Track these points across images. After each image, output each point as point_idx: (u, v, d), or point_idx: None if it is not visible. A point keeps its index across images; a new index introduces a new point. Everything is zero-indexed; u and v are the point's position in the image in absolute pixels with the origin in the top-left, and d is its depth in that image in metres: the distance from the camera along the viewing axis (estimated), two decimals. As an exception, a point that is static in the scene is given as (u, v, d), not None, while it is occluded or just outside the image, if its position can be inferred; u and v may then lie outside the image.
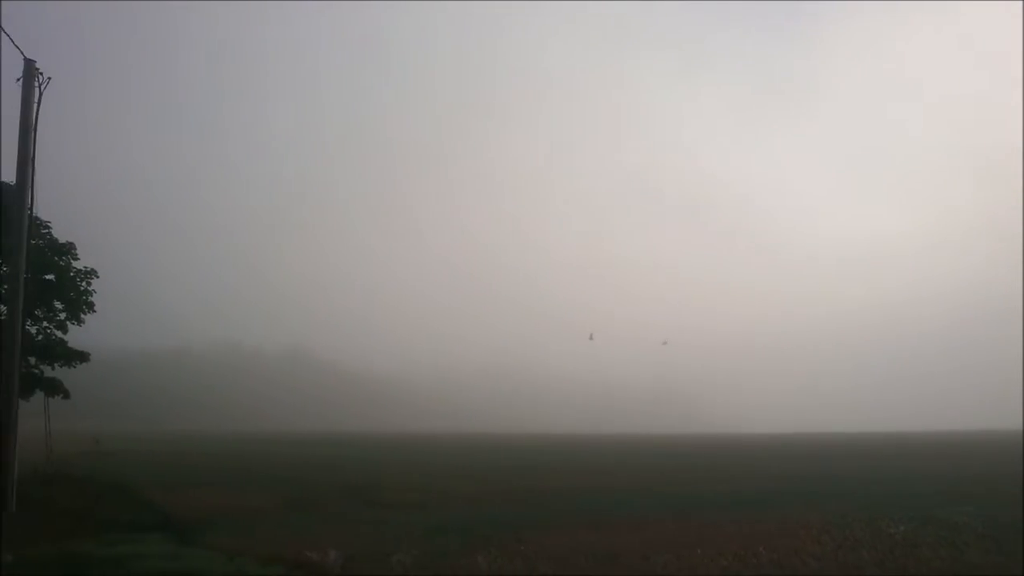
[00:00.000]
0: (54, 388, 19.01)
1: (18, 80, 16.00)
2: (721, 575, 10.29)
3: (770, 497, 21.72)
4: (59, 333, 19.20)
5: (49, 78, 15.96)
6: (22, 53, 15.61)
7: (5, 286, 17.25)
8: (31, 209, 16.01)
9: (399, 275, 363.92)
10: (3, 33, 14.61)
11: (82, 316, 19.38)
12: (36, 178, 16.02)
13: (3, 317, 17.24)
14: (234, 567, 9.24)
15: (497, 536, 12.94)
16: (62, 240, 19.39)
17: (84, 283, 19.46)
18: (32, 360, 18.23)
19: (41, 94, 15.91)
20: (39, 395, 18.93)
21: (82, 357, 19.23)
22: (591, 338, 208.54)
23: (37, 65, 15.84)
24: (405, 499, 20.82)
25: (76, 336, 19.72)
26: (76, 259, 19.45)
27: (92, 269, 19.65)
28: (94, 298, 19.66)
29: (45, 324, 18.89)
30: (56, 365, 18.99)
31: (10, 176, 16.96)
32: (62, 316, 19.15)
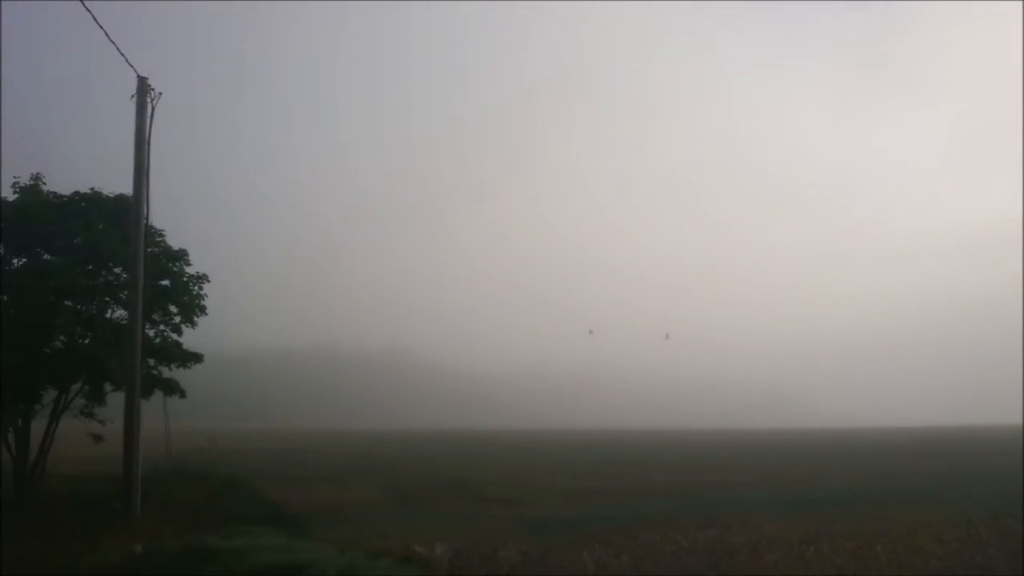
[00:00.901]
0: (171, 388, 19.90)
1: (132, 97, 16.87)
2: (838, 574, 9.91)
3: (883, 494, 20.85)
4: (174, 336, 20.10)
5: (160, 93, 16.77)
6: (135, 71, 16.43)
7: (125, 292, 18.26)
8: (147, 219, 16.89)
9: (493, 273, 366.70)
10: (118, 51, 15.43)
11: (195, 319, 20.28)
12: (151, 189, 16.90)
13: (125, 322, 18.24)
14: (345, 560, 9.49)
15: (602, 532, 12.87)
16: (175, 247, 20.32)
17: (196, 287, 20.34)
18: (151, 362, 19.12)
19: (153, 108, 16.72)
20: (158, 395, 19.85)
21: (196, 358, 20.12)
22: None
23: (149, 81, 16.67)
24: (505, 495, 20.99)
25: (190, 338, 20.64)
26: (188, 265, 20.37)
27: (203, 274, 20.53)
28: (205, 301, 20.55)
29: (162, 327, 19.82)
30: (172, 366, 19.90)
31: (127, 188, 17.94)
32: (177, 319, 20.05)
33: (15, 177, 19.52)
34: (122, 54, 15.70)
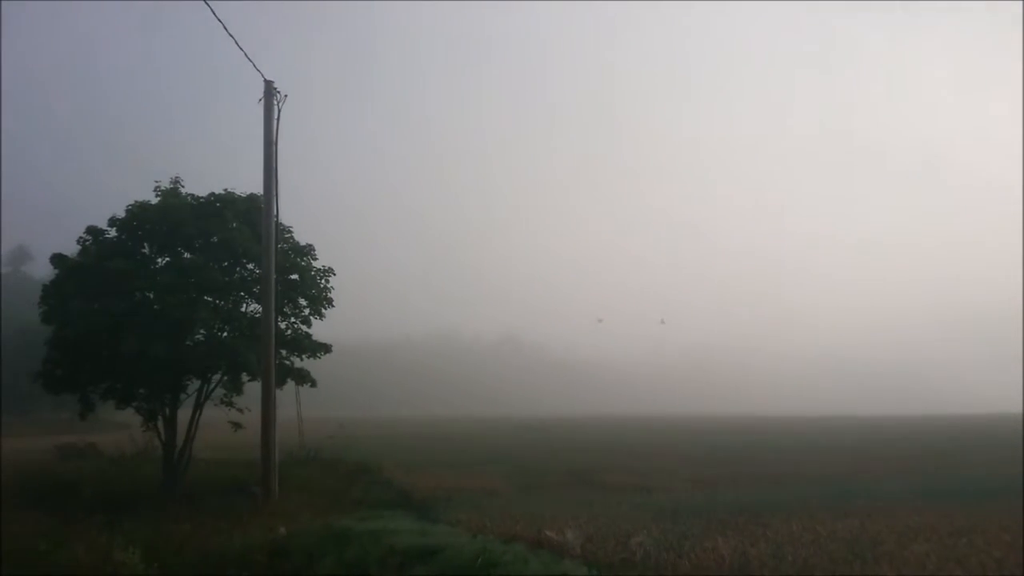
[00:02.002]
0: (303, 378, 20.74)
1: (259, 100, 17.62)
2: (997, 568, 9.26)
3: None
4: (304, 327, 20.92)
5: (286, 95, 17.46)
6: (262, 75, 17.17)
7: (258, 287, 19.16)
8: (277, 216, 17.64)
9: (605, 260, 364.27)
10: (246, 57, 16.14)
11: (323, 311, 21.07)
12: (279, 187, 17.63)
13: (258, 315, 19.15)
14: (479, 544, 9.61)
15: (734, 520, 12.53)
16: (302, 243, 21.15)
17: (323, 280, 21.12)
18: (283, 352, 19.94)
19: (279, 110, 17.44)
20: (291, 384, 20.71)
21: (325, 348, 20.91)
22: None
23: (275, 85, 17.36)
24: (628, 482, 20.82)
25: (318, 329, 21.45)
26: (315, 259, 21.17)
27: (330, 268, 21.29)
28: (332, 294, 21.31)
29: (292, 319, 20.68)
30: (303, 356, 20.74)
31: (256, 187, 18.78)
32: (306, 312, 20.88)
33: (156, 181, 20.81)
34: (250, 59, 16.42)
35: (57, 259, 20.25)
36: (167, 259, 20.22)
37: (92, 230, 20.25)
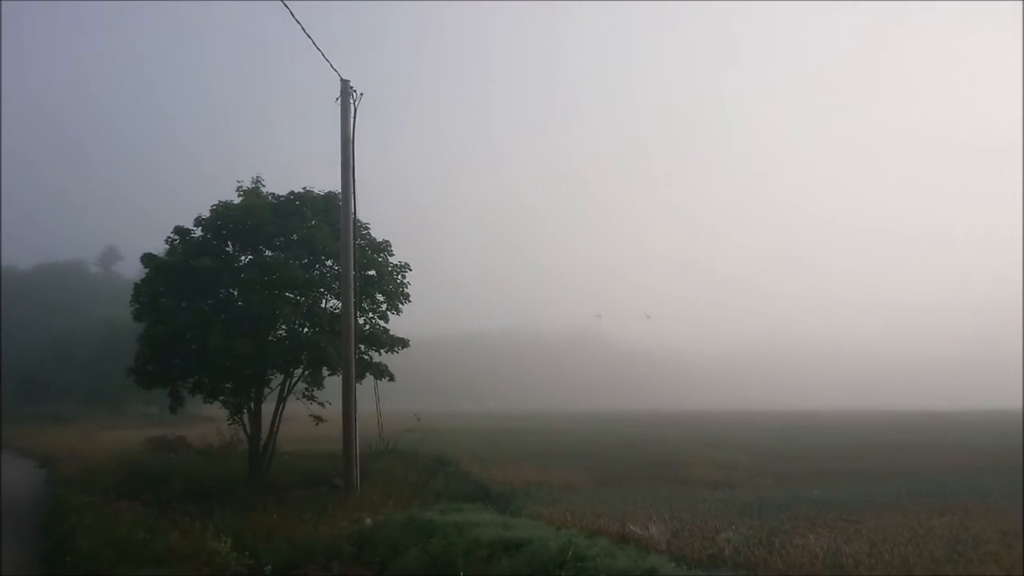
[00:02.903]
0: (381, 372, 21.01)
1: (336, 100, 17.87)
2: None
3: None
4: (382, 323, 21.20)
5: (361, 94, 17.65)
6: (339, 75, 17.39)
7: (337, 283, 19.51)
8: (355, 213, 17.88)
9: (683, 253, 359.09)
10: (324, 57, 16.39)
11: (400, 306, 21.32)
12: (356, 184, 17.85)
13: (338, 311, 19.50)
14: (563, 538, 9.53)
15: (822, 517, 12.15)
16: (379, 239, 21.42)
17: (400, 276, 21.37)
18: (362, 347, 20.22)
19: (356, 109, 17.64)
20: (370, 378, 21.01)
21: (403, 343, 21.16)
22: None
23: (351, 84, 17.58)
24: (710, 476, 20.43)
25: (395, 324, 21.71)
26: (392, 255, 21.44)
27: (406, 263, 21.54)
28: (408, 289, 21.55)
29: (370, 315, 20.98)
30: (382, 351, 21.03)
31: (334, 185, 19.11)
32: (383, 307, 21.16)
33: (238, 181, 21.40)
34: (327, 59, 16.64)
35: (147, 258, 21.02)
36: (250, 257, 20.75)
37: (179, 230, 20.96)
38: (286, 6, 14.66)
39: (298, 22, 15.13)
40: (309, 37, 15.60)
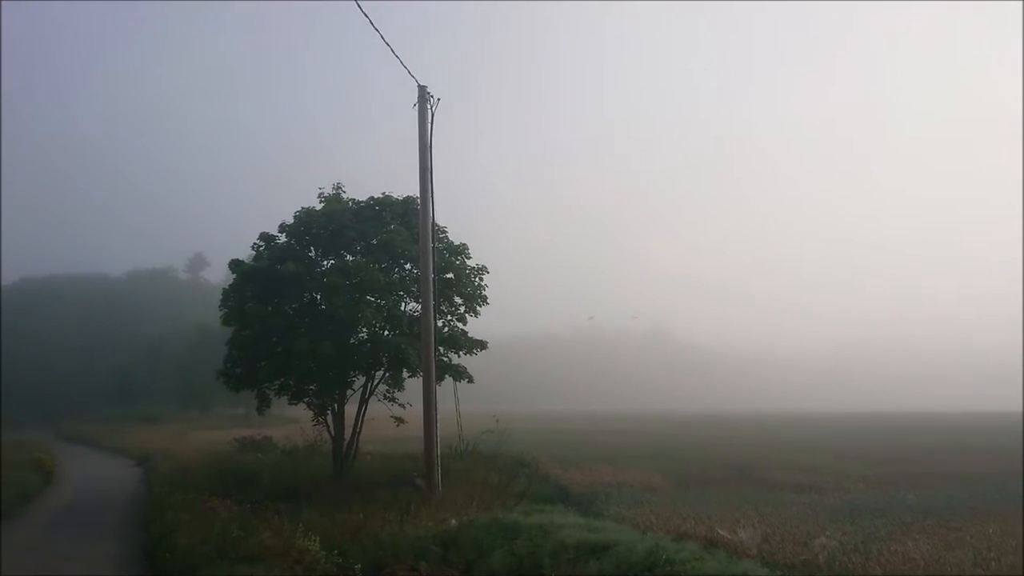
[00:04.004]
0: (460, 374, 21.16)
1: (414, 106, 18.10)
2: None
3: None
4: (460, 325, 21.38)
5: (439, 99, 17.84)
6: (416, 81, 17.60)
7: (416, 286, 19.78)
8: (433, 217, 18.09)
9: (757, 250, 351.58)
10: (401, 64, 16.63)
11: (478, 308, 21.47)
12: (434, 188, 18.05)
13: (417, 313, 19.77)
14: (650, 541, 9.42)
15: (919, 522, 11.71)
16: (456, 242, 21.62)
17: (477, 279, 21.52)
18: (441, 349, 20.40)
19: (433, 114, 17.82)
20: (449, 380, 21.18)
21: (481, 345, 21.28)
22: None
23: (429, 90, 17.78)
24: (794, 480, 19.93)
25: (472, 326, 21.85)
26: (469, 258, 21.60)
27: (483, 266, 21.68)
28: (486, 291, 21.68)
29: (449, 317, 21.18)
30: (460, 353, 21.19)
31: (412, 189, 19.37)
32: (462, 309, 21.34)
33: (319, 188, 21.91)
34: (404, 66, 16.85)
35: (234, 265, 21.72)
36: (332, 261, 21.22)
37: (265, 236, 21.59)
38: (366, 15, 14.96)
39: (377, 31, 15.40)
40: (388, 45, 15.88)
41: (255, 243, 21.74)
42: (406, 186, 22.52)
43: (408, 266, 21.01)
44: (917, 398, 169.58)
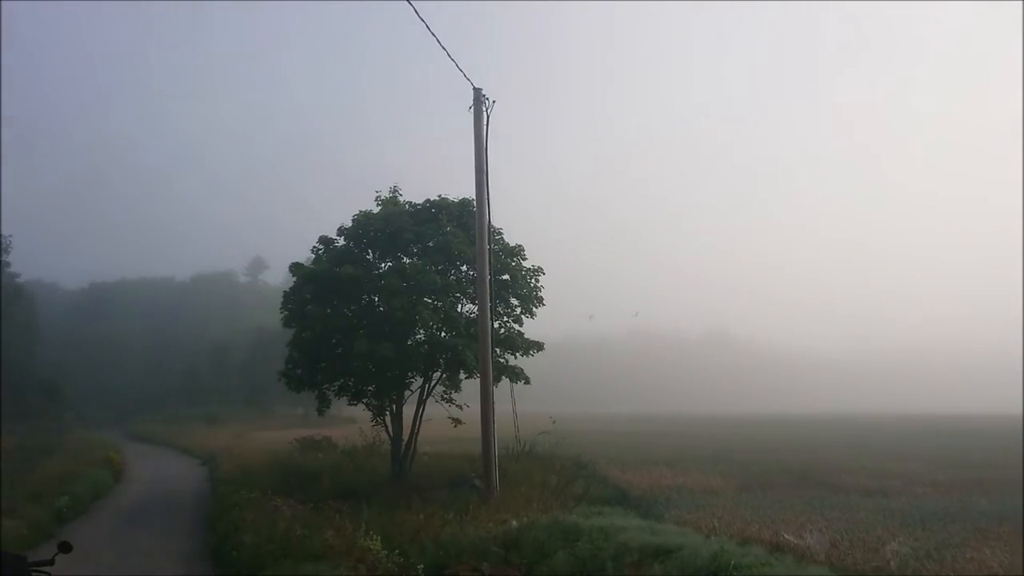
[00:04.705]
0: (516, 375, 21.14)
1: (469, 108, 18.17)
2: None
3: None
4: (516, 326, 21.37)
5: (494, 101, 17.86)
6: (471, 83, 17.68)
7: (472, 288, 19.84)
8: (489, 218, 18.11)
9: (818, 249, 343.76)
10: (457, 67, 16.71)
11: (534, 310, 21.45)
12: (490, 190, 18.07)
13: (474, 315, 19.83)
14: (715, 545, 9.27)
15: (995, 530, 11.29)
16: (512, 243, 21.64)
17: (533, 280, 21.50)
18: (497, 350, 20.42)
19: (488, 116, 17.85)
20: (505, 381, 21.20)
21: (538, 347, 21.23)
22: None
23: (484, 92, 17.81)
24: (860, 483, 19.44)
25: (528, 327, 21.83)
26: (524, 259, 21.59)
27: (539, 267, 21.65)
28: (542, 293, 21.64)
29: (505, 319, 21.20)
30: (517, 354, 21.18)
31: (468, 191, 19.45)
32: (518, 311, 21.34)
33: (376, 191, 22.18)
34: (460, 69, 16.89)
35: (295, 267, 22.10)
36: (389, 264, 21.44)
37: (324, 239, 21.95)
38: (421, 19, 15.01)
39: (433, 35, 15.44)
40: (444, 49, 15.92)
41: (314, 246, 22.13)
42: (461, 188, 22.59)
43: (464, 268, 21.10)
44: (988, 401, 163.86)
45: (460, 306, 21.45)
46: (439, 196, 21.73)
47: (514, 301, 21.33)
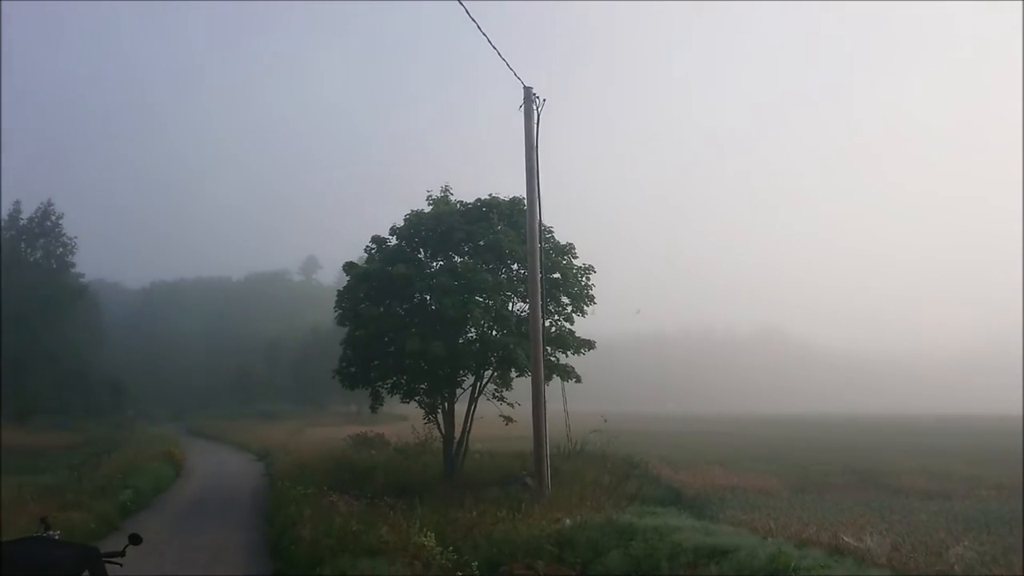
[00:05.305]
0: (568, 373, 21.13)
1: (520, 107, 18.20)
2: None
3: None
4: (567, 325, 21.35)
5: (544, 100, 17.87)
6: (522, 83, 17.67)
7: (524, 286, 19.88)
8: (540, 217, 18.12)
9: (877, 246, 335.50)
10: (508, 66, 16.76)
11: (585, 308, 21.39)
12: (540, 189, 18.07)
13: (525, 313, 19.86)
14: (772, 547, 9.15)
15: (1065, 534, 10.92)
16: (562, 242, 21.61)
17: (584, 278, 21.44)
18: (549, 349, 20.42)
19: (539, 115, 17.87)
20: (556, 379, 21.20)
21: (589, 345, 21.19)
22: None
23: (534, 91, 17.83)
24: (921, 485, 18.99)
25: (580, 325, 21.79)
26: (575, 257, 21.56)
27: (590, 265, 21.60)
28: (593, 291, 21.57)
29: (556, 317, 21.19)
30: (568, 353, 21.16)
31: (518, 190, 19.48)
32: (569, 309, 21.31)
33: (428, 191, 22.36)
34: (511, 68, 16.91)
35: (348, 267, 22.42)
36: (440, 262, 21.61)
37: (376, 239, 22.21)
38: (473, 20, 15.10)
39: (484, 35, 15.48)
40: (495, 48, 15.96)
41: (367, 246, 22.40)
42: (512, 187, 22.69)
43: (515, 266, 21.15)
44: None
45: (511, 304, 21.50)
46: (490, 195, 21.82)
47: (565, 299, 21.30)
